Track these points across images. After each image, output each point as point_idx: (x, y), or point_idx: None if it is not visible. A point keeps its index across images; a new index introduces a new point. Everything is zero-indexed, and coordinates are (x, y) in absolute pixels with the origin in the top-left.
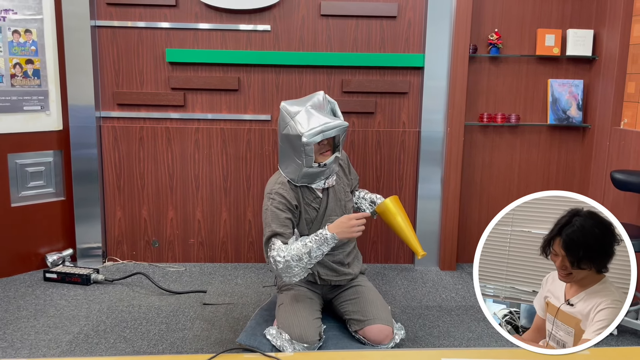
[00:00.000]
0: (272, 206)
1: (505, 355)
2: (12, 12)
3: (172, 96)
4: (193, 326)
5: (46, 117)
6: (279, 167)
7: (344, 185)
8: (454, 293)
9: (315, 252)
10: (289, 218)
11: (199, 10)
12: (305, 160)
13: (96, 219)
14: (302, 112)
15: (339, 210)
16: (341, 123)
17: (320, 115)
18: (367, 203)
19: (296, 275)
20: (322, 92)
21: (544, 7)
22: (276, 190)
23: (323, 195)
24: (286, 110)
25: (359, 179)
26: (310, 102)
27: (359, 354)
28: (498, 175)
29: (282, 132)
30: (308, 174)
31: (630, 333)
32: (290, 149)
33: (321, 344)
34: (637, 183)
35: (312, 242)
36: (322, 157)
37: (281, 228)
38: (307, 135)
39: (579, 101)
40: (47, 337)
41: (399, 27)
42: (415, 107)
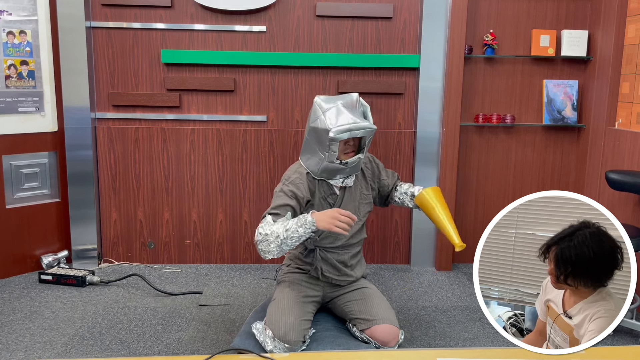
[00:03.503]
0: (281, 190)
1: (501, 355)
2: (7, 13)
3: (168, 97)
4: (189, 327)
5: (41, 119)
6: (300, 158)
7: (362, 187)
8: (450, 293)
9: (292, 231)
10: (291, 205)
11: (195, 11)
12: (329, 155)
13: (91, 220)
14: (333, 109)
15: (352, 210)
16: (370, 126)
17: (350, 115)
18: (408, 198)
19: (270, 252)
20: (357, 94)
21: (538, 8)
22: (293, 179)
23: (339, 193)
24: (319, 104)
25: (397, 174)
26: (343, 101)
27: (356, 354)
28: (493, 175)
29: (310, 125)
30: (328, 169)
31: (626, 332)
32: (316, 141)
33: (304, 347)
34: (632, 183)
35: (293, 222)
36: (346, 157)
37: (278, 210)
38: (334, 131)
39: (574, 101)
40: (42, 339)
41: (394, 28)
42: (410, 108)
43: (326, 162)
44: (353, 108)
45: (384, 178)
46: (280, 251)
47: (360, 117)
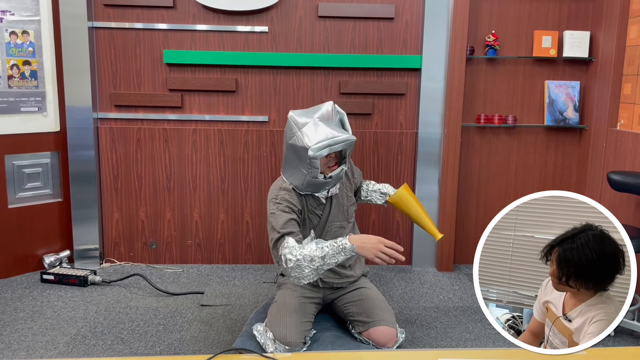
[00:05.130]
0: (278, 210)
1: (503, 355)
2: (10, 13)
3: (170, 97)
4: (190, 327)
5: (43, 119)
6: (282, 174)
7: (346, 190)
8: (452, 294)
9: (329, 258)
10: (296, 220)
11: (197, 12)
12: (311, 171)
13: (93, 220)
14: (310, 124)
15: (341, 216)
16: (348, 137)
17: (328, 129)
18: (377, 195)
19: (306, 276)
20: (332, 103)
21: (540, 8)
22: (282, 195)
23: (326, 202)
24: (294, 120)
25: (362, 173)
26: (318, 113)
27: (357, 354)
28: (495, 176)
29: (288, 142)
30: (313, 183)
31: (627, 333)
32: (296, 158)
33: (305, 348)
34: (633, 184)
35: (329, 248)
36: (329, 170)
37: (288, 227)
38: (313, 149)
39: (576, 102)
40: (44, 339)
41: (396, 28)
42: (412, 109)
43: (309, 178)
44: (329, 120)
45: (356, 176)
46: (316, 275)
47: (337, 128)
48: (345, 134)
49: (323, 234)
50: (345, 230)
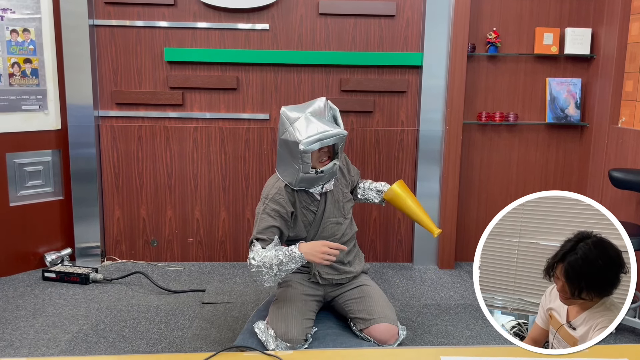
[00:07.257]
0: (264, 212)
1: (504, 353)
2: (10, 11)
3: (171, 95)
4: (192, 325)
5: (44, 117)
6: (277, 170)
7: (342, 186)
8: (453, 291)
9: (284, 265)
10: (276, 226)
11: (198, 9)
12: (303, 166)
13: (95, 218)
14: (301, 119)
15: (337, 213)
16: (340, 132)
17: (319, 123)
18: (373, 193)
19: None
20: (324, 98)
21: (542, 5)
22: (272, 196)
23: (321, 198)
24: (286, 115)
25: (359, 172)
26: (310, 109)
27: (359, 352)
28: (496, 173)
29: (280, 137)
30: (305, 179)
31: (629, 331)
32: (288, 154)
33: (307, 346)
34: (635, 181)
35: (283, 256)
36: (321, 165)
37: (264, 234)
38: (304, 143)
39: (577, 100)
40: (46, 337)
41: (397, 26)
42: (413, 106)
43: (301, 173)
44: (321, 115)
45: (353, 174)
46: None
47: (330, 123)
48: (336, 128)
49: (319, 230)
50: (343, 227)
